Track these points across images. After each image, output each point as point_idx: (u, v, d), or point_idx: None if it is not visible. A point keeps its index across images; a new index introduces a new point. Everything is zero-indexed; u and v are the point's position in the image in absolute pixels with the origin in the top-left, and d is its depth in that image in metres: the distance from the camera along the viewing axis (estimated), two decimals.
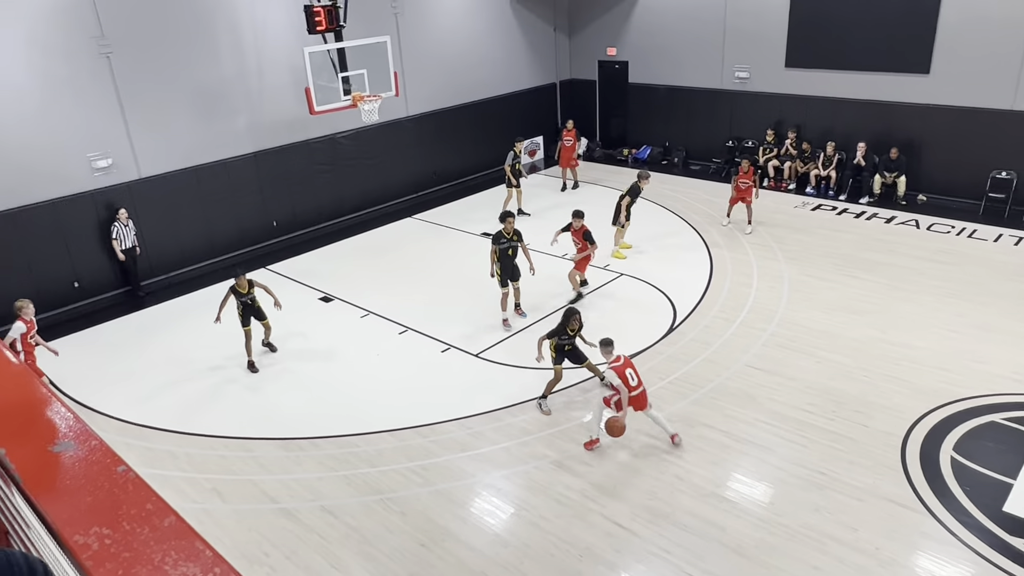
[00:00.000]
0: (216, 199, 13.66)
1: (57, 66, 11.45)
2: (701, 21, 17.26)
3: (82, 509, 0.97)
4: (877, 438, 7.77)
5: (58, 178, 11.71)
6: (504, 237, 10.57)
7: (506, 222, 10.63)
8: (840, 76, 15.62)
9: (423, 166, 17.16)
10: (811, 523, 6.66)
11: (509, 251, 10.62)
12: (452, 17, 17.14)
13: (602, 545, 6.54)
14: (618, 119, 19.79)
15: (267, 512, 7.21)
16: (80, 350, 10.82)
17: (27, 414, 1.20)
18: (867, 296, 10.99)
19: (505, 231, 10.56)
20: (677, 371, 9.28)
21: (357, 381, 9.59)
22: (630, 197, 12.80)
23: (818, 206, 15.15)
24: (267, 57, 13.90)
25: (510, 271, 10.73)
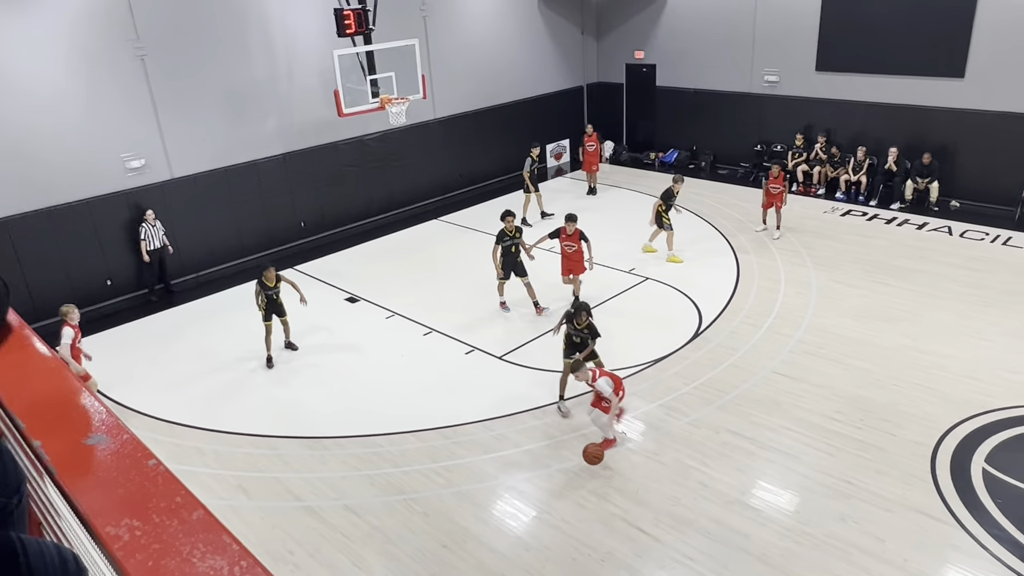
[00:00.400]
0: (245, 199, 13.85)
1: (93, 68, 11.69)
2: (730, 24, 17.14)
3: (114, 501, 1.00)
4: (906, 448, 7.65)
5: (93, 178, 11.96)
6: (507, 235, 10.93)
7: (506, 220, 11.01)
8: (872, 80, 15.41)
9: (449, 168, 17.24)
10: (837, 533, 6.57)
11: (512, 248, 10.99)
12: (480, 20, 17.21)
13: (624, 550, 6.51)
14: (645, 122, 19.71)
15: (291, 510, 7.28)
16: (112, 347, 11.02)
17: (62, 408, 1.23)
18: (897, 303, 10.83)
19: (507, 229, 10.95)
20: (702, 376, 9.21)
21: (382, 381, 9.65)
22: (663, 201, 12.73)
23: (848, 212, 14.96)
24: (297, 60, 14.07)
25: (512, 266, 11.07)
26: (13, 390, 1.32)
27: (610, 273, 12.48)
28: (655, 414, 8.52)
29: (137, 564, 0.88)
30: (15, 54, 10.87)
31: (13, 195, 11.14)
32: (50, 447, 1.13)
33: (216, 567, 0.87)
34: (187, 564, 0.88)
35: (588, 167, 17.01)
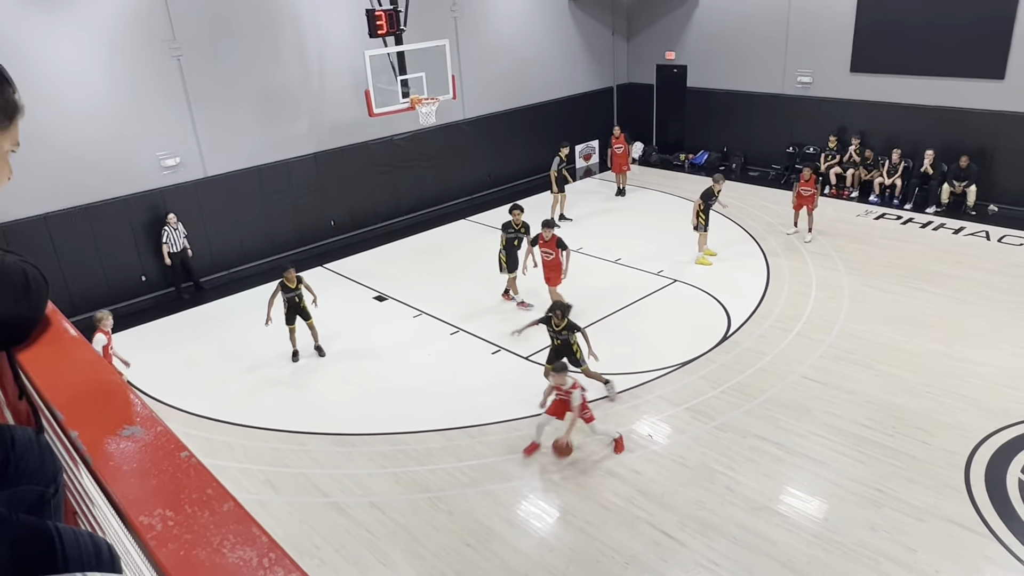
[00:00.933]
0: (277, 198, 14.02)
1: (131, 68, 11.93)
2: (763, 24, 16.96)
3: (147, 491, 1.02)
4: (939, 456, 7.50)
5: (129, 175, 12.19)
6: (512, 227, 11.17)
7: (513, 214, 11.22)
8: (908, 81, 15.14)
9: (478, 169, 17.29)
10: (867, 541, 6.46)
11: (515, 242, 11.18)
12: (510, 20, 17.23)
13: (648, 554, 6.48)
14: (675, 123, 19.57)
15: (318, 505, 7.36)
16: (145, 342, 11.23)
17: (99, 400, 1.26)
18: (932, 309, 10.62)
19: (514, 222, 11.20)
20: (730, 380, 9.13)
21: (408, 380, 9.71)
22: (702, 200, 12.62)
23: (882, 215, 14.71)
24: (329, 60, 14.21)
25: (514, 261, 11.28)
26: (52, 382, 1.35)
27: (638, 275, 12.42)
28: (681, 417, 8.46)
29: (169, 553, 0.90)
30: (56, 54, 11.13)
31: (53, 191, 11.40)
32: (87, 438, 1.16)
33: (246, 558, 0.89)
34: (217, 554, 0.90)
35: (617, 168, 16.93)
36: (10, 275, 1.28)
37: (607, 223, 15.22)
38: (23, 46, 10.74)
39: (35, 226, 11.37)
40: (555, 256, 10.67)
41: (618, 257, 13.20)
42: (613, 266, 12.88)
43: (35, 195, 11.12)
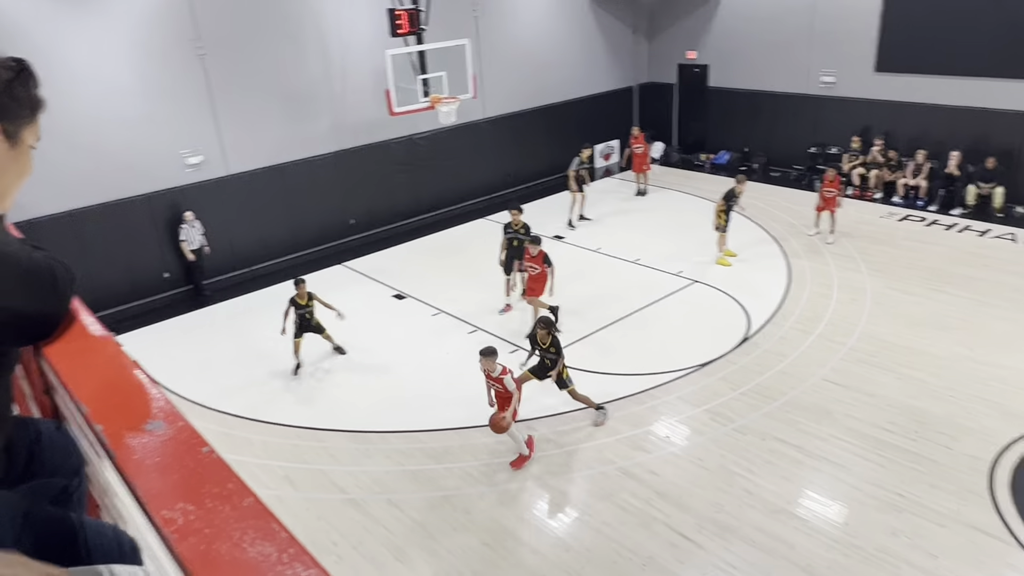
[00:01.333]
0: (298, 196, 14.12)
1: (155, 67, 12.08)
2: (786, 24, 16.81)
3: (169, 485, 1.03)
4: (962, 461, 7.40)
5: (153, 173, 12.35)
6: (511, 228, 11.19)
7: (513, 214, 11.25)
8: (934, 81, 14.93)
9: (498, 168, 17.30)
10: (887, 547, 6.39)
11: (514, 242, 11.11)
12: (531, 20, 17.22)
13: (666, 555, 6.45)
14: (696, 123, 19.46)
15: (336, 502, 7.41)
16: (167, 338, 11.36)
17: (123, 394, 1.28)
18: (955, 312, 10.48)
19: (513, 223, 11.19)
20: (750, 382, 9.06)
21: (426, 378, 9.74)
22: (724, 201, 12.54)
23: (905, 217, 14.53)
24: (350, 59, 14.29)
25: (511, 261, 11.21)
26: (78, 376, 1.37)
27: (657, 275, 12.37)
28: (700, 419, 8.41)
29: (190, 547, 0.91)
30: (83, 53, 11.29)
31: (78, 188, 11.57)
32: (111, 432, 1.18)
33: (265, 553, 0.89)
34: (237, 549, 0.91)
35: (637, 168, 16.82)
36: (38, 271, 1.30)
37: (627, 223, 15.17)
38: (51, 44, 10.90)
39: (61, 222, 11.55)
40: (540, 271, 10.44)
41: (637, 257, 13.16)
42: (632, 266, 12.84)
43: (61, 192, 11.30)
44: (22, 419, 1.67)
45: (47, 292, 1.32)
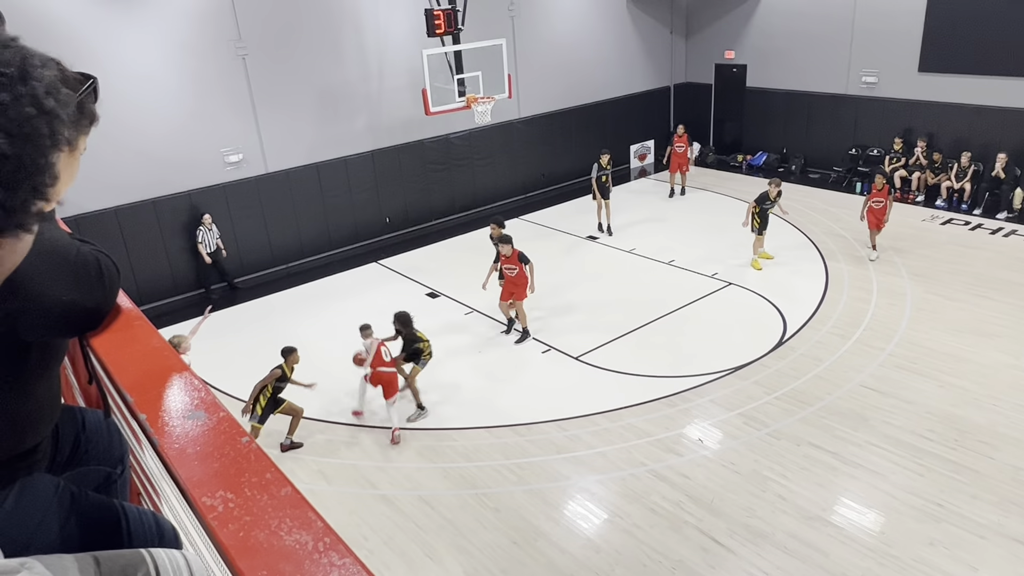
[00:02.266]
0: (334, 195, 14.29)
1: (198, 67, 12.32)
2: (827, 23, 16.52)
3: (209, 474, 1.06)
4: (1005, 472, 7.21)
5: (194, 171, 12.60)
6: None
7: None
8: (980, 81, 14.55)
9: (532, 167, 17.30)
10: (925, 557, 6.26)
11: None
12: (568, 19, 17.19)
13: (696, 559, 6.40)
14: (733, 124, 19.23)
15: (368, 497, 7.48)
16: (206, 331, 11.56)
17: (165, 384, 1.32)
18: (1000, 318, 10.20)
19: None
20: (785, 386, 8.94)
21: (458, 376, 9.78)
22: (756, 204, 12.36)
23: (948, 220, 14.19)
24: (387, 59, 14.41)
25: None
26: (122, 367, 1.41)
27: (692, 277, 12.25)
28: (734, 423, 8.32)
29: (230, 533, 0.94)
30: (128, 53, 11.57)
31: (123, 186, 11.85)
32: (154, 421, 1.21)
33: (301, 541, 0.92)
34: (275, 536, 0.93)
35: (675, 168, 16.57)
36: (85, 264, 1.34)
37: (661, 224, 15.06)
38: (98, 44, 11.19)
39: (106, 218, 11.85)
40: (519, 271, 10.24)
41: (672, 259, 13.06)
42: (667, 268, 12.74)
43: (106, 189, 11.59)
44: (68, 408, 1.72)
45: (94, 285, 1.36)
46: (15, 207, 0.88)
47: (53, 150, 0.91)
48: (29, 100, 0.87)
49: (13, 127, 0.85)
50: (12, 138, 0.84)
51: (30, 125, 0.87)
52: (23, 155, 0.86)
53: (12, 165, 0.85)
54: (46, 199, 0.92)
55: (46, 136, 0.89)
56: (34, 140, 0.87)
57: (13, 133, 0.85)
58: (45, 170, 0.90)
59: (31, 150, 0.87)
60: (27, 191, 0.89)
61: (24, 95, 0.86)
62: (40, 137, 0.88)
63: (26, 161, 0.87)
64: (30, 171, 0.88)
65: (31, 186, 0.89)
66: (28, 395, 1.30)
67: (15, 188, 0.87)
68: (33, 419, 1.34)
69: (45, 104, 0.88)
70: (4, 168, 0.85)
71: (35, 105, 0.87)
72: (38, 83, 0.88)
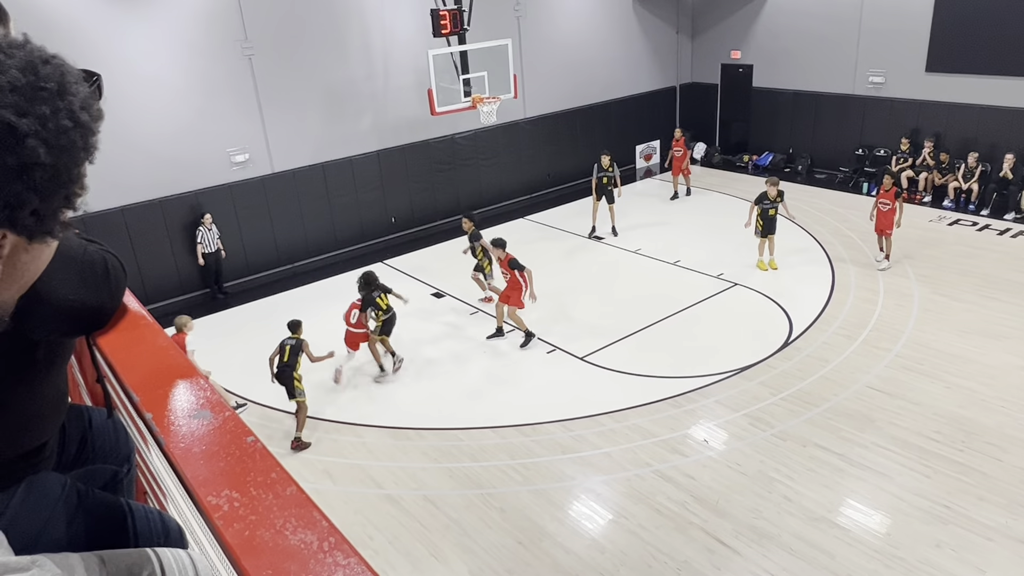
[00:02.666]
0: (340, 194, 14.32)
1: (205, 67, 12.36)
2: (834, 23, 16.48)
3: (215, 473, 1.06)
4: (1013, 474, 7.17)
5: (201, 171, 12.64)
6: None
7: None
8: (988, 81, 14.49)
9: (538, 168, 17.29)
10: (932, 559, 6.23)
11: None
12: (573, 20, 17.18)
13: (701, 560, 6.38)
14: (739, 124, 19.18)
15: (373, 497, 7.49)
16: (212, 331, 11.60)
17: (171, 384, 1.32)
18: (1008, 320, 10.15)
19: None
20: (791, 387, 8.91)
21: (463, 377, 9.79)
22: (756, 204, 12.31)
23: (956, 221, 14.13)
24: (393, 59, 14.43)
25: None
26: (128, 366, 1.42)
27: (698, 278, 12.23)
28: (739, 423, 8.31)
29: (235, 532, 0.94)
30: (135, 53, 11.61)
31: (130, 185, 11.89)
32: (160, 420, 1.22)
33: (306, 541, 0.92)
34: (280, 536, 0.93)
35: (676, 171, 16.50)
36: (91, 264, 1.35)
37: (667, 225, 15.04)
38: (105, 44, 11.23)
39: (113, 218, 11.89)
40: (511, 278, 10.13)
41: (677, 259, 13.04)
42: (673, 268, 12.72)
43: (113, 188, 11.62)
44: (75, 407, 1.72)
45: (100, 284, 1.37)
46: (47, 215, 0.92)
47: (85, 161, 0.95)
48: (67, 114, 0.91)
49: (52, 138, 0.88)
50: (50, 148, 0.88)
51: (67, 137, 0.90)
52: (59, 165, 0.90)
53: (49, 174, 0.89)
54: (75, 208, 0.97)
55: (80, 148, 0.93)
56: (70, 151, 0.91)
57: (51, 144, 0.88)
58: (77, 180, 0.94)
59: (67, 160, 0.91)
60: (60, 200, 0.93)
61: (62, 109, 0.90)
62: (75, 149, 0.92)
63: (61, 171, 0.91)
64: (64, 181, 0.92)
65: (64, 195, 0.93)
66: (35, 393, 1.30)
67: (50, 196, 0.90)
68: (40, 417, 1.35)
69: (80, 117, 0.92)
70: (42, 176, 0.88)
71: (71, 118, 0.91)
72: (74, 98, 0.92)
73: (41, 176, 0.88)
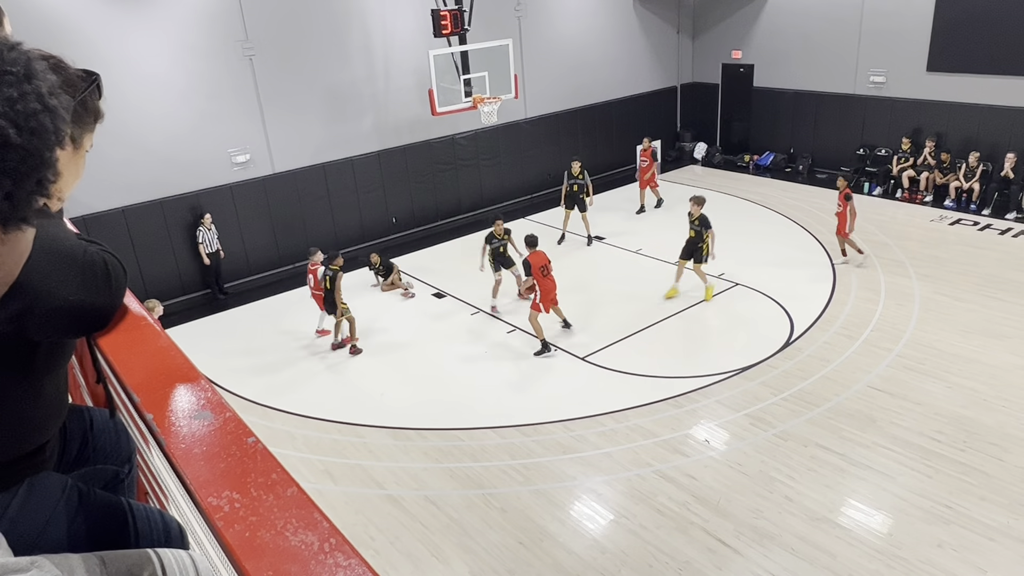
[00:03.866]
0: (341, 195, 14.32)
1: (206, 67, 12.37)
2: (835, 23, 16.47)
3: (216, 474, 1.06)
4: (1014, 474, 7.16)
5: (202, 171, 12.64)
6: (496, 238, 11.36)
7: (495, 224, 11.39)
8: (989, 81, 14.47)
9: (539, 168, 17.28)
10: (933, 559, 6.22)
11: (500, 249, 11.40)
12: (574, 20, 17.18)
13: (703, 560, 6.38)
14: (740, 124, 19.18)
15: (374, 497, 7.49)
16: (212, 331, 11.61)
17: (172, 384, 1.32)
18: (1009, 319, 10.14)
19: (496, 232, 11.36)
20: (792, 387, 8.91)
21: (464, 377, 9.79)
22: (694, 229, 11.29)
23: (957, 220, 14.12)
24: (394, 60, 14.43)
25: (502, 261, 11.48)
26: (129, 366, 1.42)
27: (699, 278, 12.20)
28: (740, 423, 8.30)
29: (235, 534, 0.94)
30: (136, 54, 11.62)
31: (131, 186, 11.90)
32: (160, 420, 1.21)
33: (307, 542, 0.91)
34: (280, 537, 0.93)
35: (643, 184, 15.55)
36: (92, 265, 1.35)
37: (667, 224, 15.01)
38: (105, 45, 11.24)
39: (114, 218, 11.90)
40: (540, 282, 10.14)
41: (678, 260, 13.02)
42: (673, 268, 12.71)
43: (114, 189, 11.64)
44: (76, 407, 1.72)
45: (101, 285, 1.37)
46: (21, 199, 0.92)
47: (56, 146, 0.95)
48: (35, 97, 0.91)
49: (21, 120, 0.88)
50: (20, 130, 0.88)
51: (37, 120, 0.91)
52: (30, 148, 0.90)
53: (19, 156, 0.89)
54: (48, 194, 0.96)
55: (51, 132, 0.93)
56: (40, 134, 0.91)
57: (21, 126, 0.88)
58: (49, 165, 0.94)
59: (38, 143, 0.91)
60: (32, 184, 0.93)
61: (30, 92, 0.90)
62: (46, 132, 0.92)
63: (33, 154, 0.91)
64: (36, 164, 0.92)
65: (36, 179, 0.93)
66: (36, 394, 1.30)
67: (22, 180, 0.90)
68: (41, 418, 1.35)
69: (49, 102, 0.93)
70: (12, 158, 0.88)
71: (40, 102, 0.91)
72: (42, 83, 0.93)
73: (12, 158, 0.88)
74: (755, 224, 14.59)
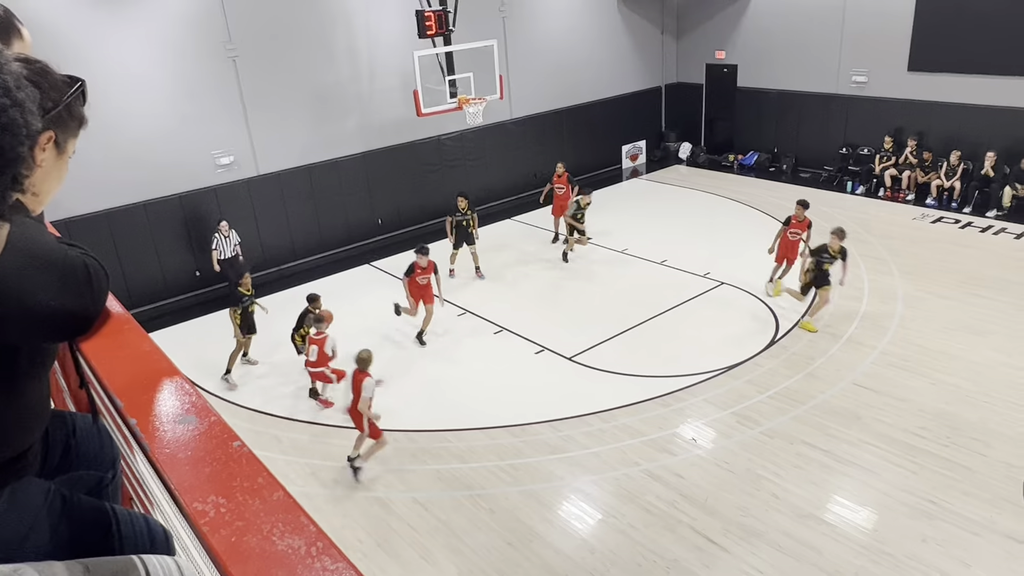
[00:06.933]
0: (326, 196, 14.26)
1: (189, 69, 12.28)
2: (818, 23, 16.60)
3: (201, 479, 1.05)
4: (997, 469, 7.25)
5: (185, 173, 12.54)
6: (459, 211, 12.33)
7: (459, 200, 12.33)
8: (969, 80, 14.64)
9: (524, 168, 17.29)
10: (918, 554, 6.28)
11: (463, 223, 12.37)
12: (559, 20, 17.20)
13: (690, 559, 6.41)
14: (724, 124, 19.28)
15: (362, 500, 7.46)
16: (196, 336, 11.53)
17: (155, 389, 1.31)
18: (991, 316, 10.26)
19: (459, 207, 12.32)
20: (777, 385, 8.96)
21: (451, 378, 9.77)
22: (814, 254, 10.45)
23: (939, 218, 14.27)
24: (379, 61, 14.39)
25: (464, 237, 12.50)
26: (112, 371, 1.40)
27: (684, 277, 12.27)
28: (726, 422, 8.34)
29: (221, 539, 0.93)
30: (118, 56, 11.51)
31: (113, 189, 11.79)
32: (144, 425, 1.20)
33: (294, 546, 0.91)
34: (267, 541, 0.92)
35: (556, 212, 14.15)
36: (72, 268, 1.33)
37: (653, 225, 15.09)
38: (87, 47, 11.13)
39: (97, 221, 11.78)
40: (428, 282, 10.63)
41: (664, 259, 13.08)
42: (659, 268, 12.76)
43: (96, 192, 11.53)
44: (59, 413, 1.70)
45: (82, 289, 1.35)
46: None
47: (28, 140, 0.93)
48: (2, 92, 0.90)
49: None
50: None
51: (6, 115, 0.89)
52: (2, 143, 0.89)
53: None
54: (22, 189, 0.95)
55: (21, 126, 0.92)
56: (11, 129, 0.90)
57: None
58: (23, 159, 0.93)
59: (9, 139, 0.90)
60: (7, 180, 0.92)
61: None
62: (16, 127, 0.91)
63: (5, 149, 0.90)
64: (9, 159, 0.90)
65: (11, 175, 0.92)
66: (17, 399, 1.29)
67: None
68: (22, 423, 1.33)
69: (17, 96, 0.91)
70: None
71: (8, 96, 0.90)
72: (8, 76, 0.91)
73: None
74: (740, 223, 14.68)
